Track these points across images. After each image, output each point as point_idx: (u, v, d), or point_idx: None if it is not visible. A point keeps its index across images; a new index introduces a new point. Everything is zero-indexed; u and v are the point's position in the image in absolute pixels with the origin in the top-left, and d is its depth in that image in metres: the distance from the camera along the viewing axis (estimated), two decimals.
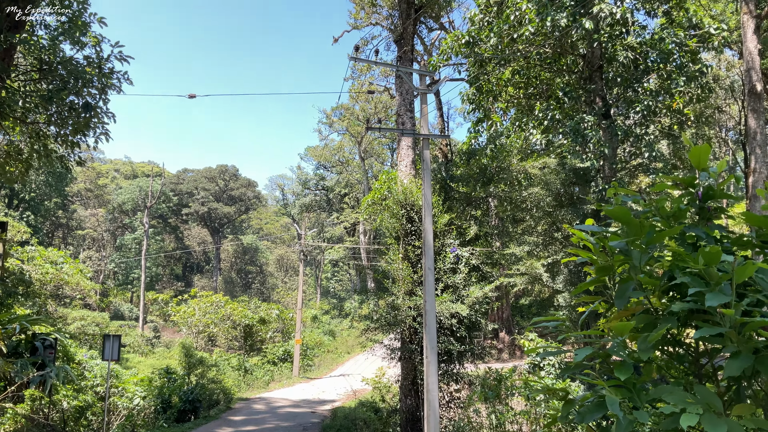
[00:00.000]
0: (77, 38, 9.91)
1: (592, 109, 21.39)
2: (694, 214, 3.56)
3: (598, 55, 21.83)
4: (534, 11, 20.29)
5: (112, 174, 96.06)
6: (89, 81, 9.74)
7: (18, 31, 9.50)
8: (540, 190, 26.00)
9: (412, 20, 21.64)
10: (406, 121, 21.05)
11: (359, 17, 38.90)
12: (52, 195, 75.52)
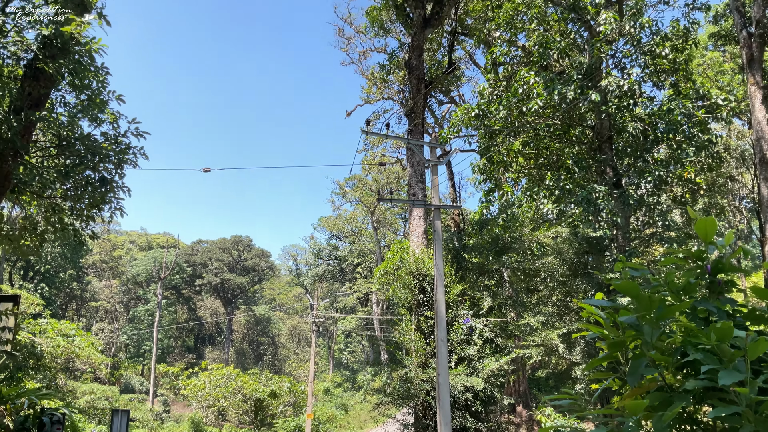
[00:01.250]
0: (95, 115, 10.22)
1: (603, 178, 21.49)
2: (704, 287, 3.51)
3: (607, 126, 22.10)
4: (542, 85, 20.71)
5: (127, 246, 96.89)
6: (106, 156, 9.99)
7: (38, 108, 9.82)
8: (553, 259, 25.84)
9: (423, 95, 22.14)
10: (417, 192, 21.22)
11: (371, 92, 39.88)
12: (68, 267, 76.04)
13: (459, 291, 18.48)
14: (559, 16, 23.72)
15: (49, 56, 9.72)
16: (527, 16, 24.87)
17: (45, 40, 9.75)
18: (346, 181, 68.65)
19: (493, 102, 23.33)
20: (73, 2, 10.57)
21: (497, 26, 25.53)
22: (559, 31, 24.21)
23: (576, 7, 22.97)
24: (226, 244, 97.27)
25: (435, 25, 21.87)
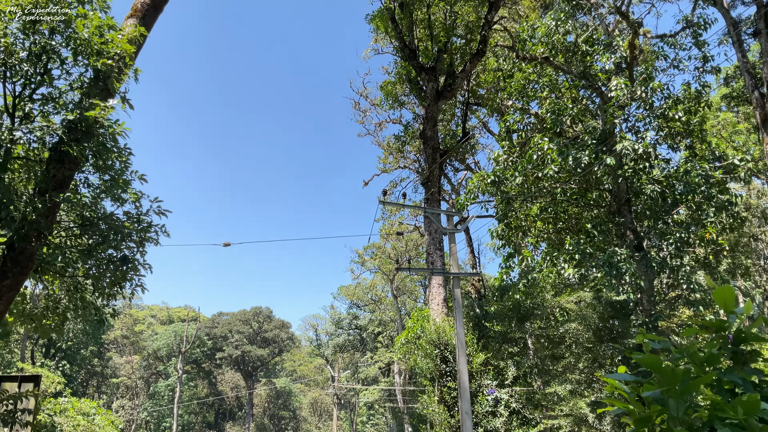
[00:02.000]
0: (118, 195, 10.47)
1: (624, 241, 21.31)
2: (728, 358, 3.43)
3: (625, 189, 22.07)
4: (556, 151, 20.88)
5: (148, 320, 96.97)
6: (128, 235, 10.17)
7: (63, 190, 10.09)
8: (577, 325, 25.35)
9: (438, 164, 22.39)
10: (436, 260, 21.16)
11: (388, 162, 40.43)
12: (89, 343, 76.04)
13: (482, 360, 18.12)
14: (570, 83, 24.13)
15: (74, 139, 10.06)
16: (539, 84, 25.32)
17: (70, 124, 10.11)
18: (365, 249, 68.74)
19: (509, 168, 23.49)
20: (97, 87, 11.01)
21: (509, 95, 26.00)
22: (571, 97, 24.58)
23: (586, 74, 23.40)
24: (246, 316, 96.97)
25: (448, 96, 22.36)
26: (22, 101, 10.92)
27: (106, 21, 11.80)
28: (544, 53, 24.28)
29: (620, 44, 24.81)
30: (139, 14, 12.63)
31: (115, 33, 11.62)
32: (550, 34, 24.72)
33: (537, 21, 25.66)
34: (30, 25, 10.88)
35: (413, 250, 58.12)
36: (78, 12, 11.40)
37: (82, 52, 11.19)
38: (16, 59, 10.47)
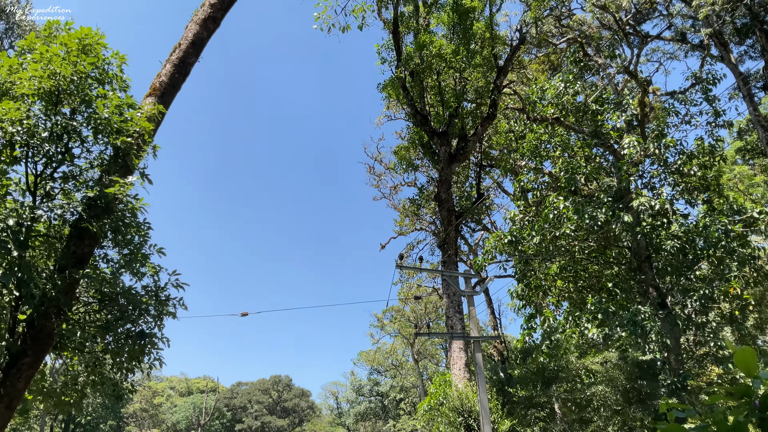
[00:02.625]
0: (137, 269, 10.57)
1: (647, 299, 20.94)
2: (756, 425, 3.30)
3: (644, 246, 21.85)
4: (572, 209, 20.83)
5: (167, 392, 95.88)
6: (146, 310, 10.22)
7: (82, 266, 10.21)
8: (605, 387, 24.66)
9: (454, 227, 22.41)
10: (455, 323, 20.89)
11: (404, 224, 40.56)
12: (108, 417, 75.15)
13: (508, 427, 17.61)
14: (582, 142, 24.29)
15: (94, 216, 10.25)
16: (551, 144, 25.51)
17: (90, 201, 10.33)
18: (384, 313, 68.17)
19: (526, 228, 23.42)
20: (117, 164, 11.29)
21: (522, 156, 26.18)
22: (584, 156, 24.69)
23: (598, 133, 23.56)
24: (266, 385, 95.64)
25: (461, 159, 22.62)
26: (44, 180, 11.19)
27: (125, 100, 12.20)
28: (555, 114, 24.56)
29: (630, 103, 25.06)
30: (157, 93, 13.05)
31: (134, 111, 11.99)
32: (559, 96, 25.06)
33: (546, 83, 26.07)
34: (52, 107, 11.27)
35: (433, 312, 57.54)
36: (98, 92, 11.81)
37: (102, 130, 11.53)
38: (39, 140, 10.79)
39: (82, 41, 11.85)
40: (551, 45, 30.28)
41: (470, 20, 24.55)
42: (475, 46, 24.81)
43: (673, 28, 28.49)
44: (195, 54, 13.80)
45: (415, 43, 23.31)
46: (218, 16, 14.23)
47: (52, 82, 11.02)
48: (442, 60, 23.05)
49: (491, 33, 24.47)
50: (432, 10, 26.17)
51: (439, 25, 26.62)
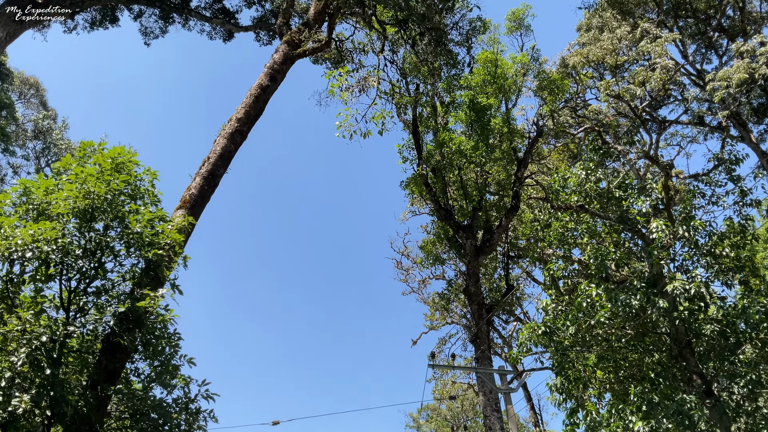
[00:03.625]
0: (168, 382, 10.54)
1: (692, 387, 20.08)
2: None
3: (683, 331, 21.18)
4: (605, 296, 20.46)
5: None
6: (177, 425, 10.12)
7: (114, 381, 10.22)
8: None
9: (485, 320, 22.09)
10: (493, 423, 20.16)
11: (434, 318, 40.02)
12: None
13: None
14: (609, 228, 24.16)
15: (125, 330, 10.36)
16: (578, 231, 25.39)
17: (121, 315, 10.48)
18: (419, 412, 66.06)
19: (559, 317, 22.96)
20: (148, 277, 11.53)
21: (549, 244, 26.03)
22: (613, 242, 24.48)
23: (624, 218, 23.45)
24: None
25: (487, 252, 22.65)
26: (77, 295, 11.42)
27: (156, 213, 12.59)
28: (579, 202, 24.59)
29: (654, 187, 25.05)
30: (187, 205, 13.46)
31: (165, 224, 12.33)
32: (582, 183, 25.17)
33: (567, 171, 26.30)
34: (86, 224, 11.66)
35: (470, 410, 55.65)
36: (131, 208, 12.22)
37: (134, 244, 11.84)
38: (73, 257, 11.11)
39: (115, 160, 12.40)
40: (569, 135, 30.79)
41: (487, 116, 25.24)
42: (493, 140, 25.36)
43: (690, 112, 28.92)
44: (223, 166, 14.31)
45: (435, 141, 23.94)
46: (245, 130, 14.85)
47: (87, 201, 11.46)
48: (463, 156, 23.55)
49: (509, 127, 25.06)
50: (449, 110, 27.01)
51: (457, 122, 27.38)
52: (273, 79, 15.77)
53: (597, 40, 26.77)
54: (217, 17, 32.76)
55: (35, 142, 45.94)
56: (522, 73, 28.74)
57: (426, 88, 26.87)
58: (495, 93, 26.55)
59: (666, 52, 24.51)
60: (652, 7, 29.70)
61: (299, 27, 16.62)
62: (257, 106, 15.52)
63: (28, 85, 47.98)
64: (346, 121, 14.43)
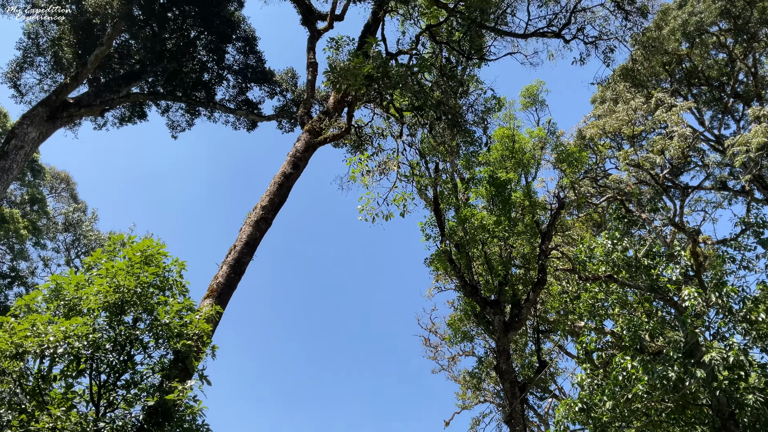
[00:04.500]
0: None
1: None
2: None
3: (725, 402, 20.42)
4: (641, 369, 19.95)
5: None
6: None
7: None
8: None
9: (519, 400, 21.53)
10: None
11: (466, 397, 38.99)
12: None
13: None
14: (640, 297, 23.79)
15: (154, 424, 10.34)
16: (608, 302, 25.02)
17: (150, 409, 10.48)
18: None
19: (596, 392, 22.32)
20: (176, 368, 11.57)
21: (580, 317, 25.62)
22: (645, 311, 24.04)
23: (654, 287, 23.09)
24: None
25: (517, 327, 22.36)
26: (107, 390, 11.47)
27: (184, 303, 12.75)
28: (607, 272, 24.34)
29: (682, 254, 24.75)
30: (214, 293, 13.64)
31: (193, 314, 12.47)
32: (608, 253, 24.99)
33: (593, 242, 26.18)
34: (116, 317, 11.84)
35: None
36: (159, 299, 12.41)
37: (163, 335, 11.96)
38: (103, 351, 11.23)
39: (144, 252, 12.69)
40: (591, 205, 30.80)
41: (508, 191, 25.48)
42: (515, 214, 25.48)
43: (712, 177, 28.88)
44: (249, 253, 14.55)
45: (457, 218, 24.13)
46: (269, 217, 15.18)
47: (117, 295, 11.68)
48: (485, 231, 23.65)
49: (530, 201, 25.22)
50: (470, 185, 27.34)
51: (478, 198, 27.64)
52: (296, 166, 16.23)
53: (612, 111, 27.14)
54: (241, 108, 34.02)
55: (65, 234, 47.12)
56: (540, 147, 29.13)
57: (445, 166, 27.31)
58: (514, 167, 26.87)
59: (682, 120, 24.74)
60: (665, 78, 30.23)
61: (320, 116, 17.21)
62: (281, 193, 15.91)
63: (59, 180, 49.67)
64: (367, 204, 14.72)
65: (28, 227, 41.96)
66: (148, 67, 31.57)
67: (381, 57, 14.93)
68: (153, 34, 31.42)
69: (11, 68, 31.10)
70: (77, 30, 29.72)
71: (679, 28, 29.37)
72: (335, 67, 14.09)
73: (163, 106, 34.92)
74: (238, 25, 33.57)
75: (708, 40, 30.77)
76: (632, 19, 17.72)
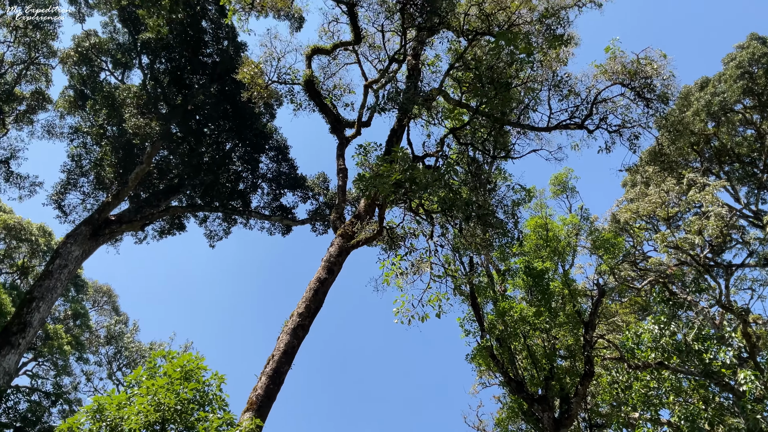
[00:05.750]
0: None
1: None
2: None
3: None
4: None
5: None
6: None
7: None
8: None
9: None
10: None
11: None
12: None
13: None
14: (695, 383, 22.82)
15: None
16: (662, 390, 24.01)
17: None
18: None
19: None
20: None
21: (633, 408, 24.53)
22: (701, 398, 22.97)
23: (709, 372, 22.15)
24: None
25: (567, 424, 21.42)
26: None
27: (224, 417, 12.62)
28: (657, 358, 23.49)
29: (733, 335, 23.85)
30: (254, 406, 13.51)
31: (233, 429, 12.30)
32: (656, 339, 24.22)
33: (639, 327, 25.45)
34: None
35: None
36: (199, 416, 12.32)
37: None
38: None
39: (184, 368, 12.72)
40: (633, 289, 30.17)
41: (545, 280, 25.14)
42: (555, 304, 25.01)
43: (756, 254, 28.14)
44: (287, 362, 14.48)
45: (496, 311, 23.78)
46: (306, 324, 15.19)
47: (158, 414, 11.65)
48: (526, 323, 23.20)
49: (569, 289, 24.80)
50: (506, 277, 27.07)
51: (515, 289, 27.28)
52: (330, 271, 16.36)
53: (644, 194, 27.07)
54: (276, 214, 34.84)
55: (107, 347, 47.62)
56: (574, 234, 28.94)
57: (480, 260, 27.19)
58: (549, 256, 26.63)
59: (717, 199, 24.51)
60: (694, 158, 30.22)
61: (351, 220, 17.50)
62: (317, 299, 15.97)
63: (101, 293, 50.81)
64: (402, 306, 14.68)
65: (71, 342, 42.58)
66: (186, 181, 32.81)
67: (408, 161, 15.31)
68: (190, 149, 32.87)
69: (56, 190, 32.66)
70: (118, 150, 31.28)
71: (703, 109, 29.62)
72: (363, 176, 14.47)
73: (201, 217, 35.98)
74: (271, 135, 34.96)
75: (734, 117, 30.89)
76: (654, 106, 17.98)
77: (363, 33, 21.12)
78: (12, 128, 32.54)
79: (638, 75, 17.62)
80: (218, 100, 32.26)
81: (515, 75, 18.24)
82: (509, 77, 17.60)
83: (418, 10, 18.23)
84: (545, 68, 19.41)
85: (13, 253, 41.48)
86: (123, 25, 32.51)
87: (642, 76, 17.62)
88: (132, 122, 29.95)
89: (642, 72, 17.59)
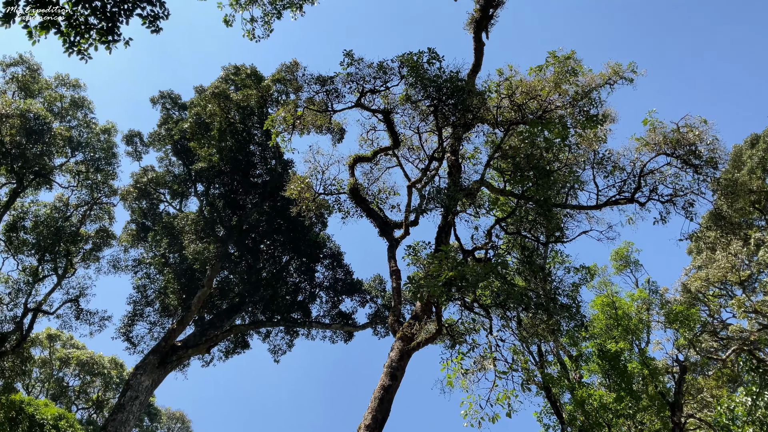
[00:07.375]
0: None
1: None
2: None
3: None
4: None
5: None
6: None
7: None
8: None
9: None
10: None
11: None
12: None
13: None
14: None
15: None
16: None
17: None
18: None
19: None
20: None
21: None
22: None
23: None
24: None
25: None
26: None
27: None
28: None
29: None
30: None
31: None
32: (751, 412, 22.50)
33: (731, 400, 23.73)
34: None
35: None
36: None
37: None
38: None
39: None
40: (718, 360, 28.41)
41: (622, 362, 23.93)
42: (636, 386, 23.68)
43: None
44: None
45: (574, 401, 22.59)
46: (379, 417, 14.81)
47: None
48: (608, 410, 21.92)
49: (648, 369, 23.52)
50: (579, 363, 25.90)
51: (591, 374, 25.98)
52: (393, 377, 16.00)
53: (712, 260, 25.99)
54: (336, 322, 34.79)
55: None
56: (645, 309, 27.81)
57: (549, 347, 26.23)
58: (622, 335, 25.48)
59: None
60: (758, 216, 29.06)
61: (410, 321, 17.28)
62: (383, 408, 15.54)
63: (174, 420, 50.96)
64: (470, 408, 14.12)
65: None
66: (247, 298, 33.34)
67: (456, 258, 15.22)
68: (248, 267, 33.60)
69: (123, 323, 33.61)
70: (180, 276, 32.23)
71: (758, 166, 28.78)
72: (413, 278, 14.41)
73: (264, 333, 36.21)
74: (324, 244, 35.52)
75: None
76: (703, 171, 17.54)
77: (401, 137, 21.68)
78: (80, 267, 34.06)
79: (681, 143, 17.35)
80: (271, 217, 33.22)
81: (554, 159, 18.22)
82: (548, 162, 17.59)
83: (450, 110, 18.66)
84: (585, 147, 19.34)
85: (88, 387, 42.35)
86: (177, 158, 34.40)
87: (685, 143, 17.33)
88: (192, 248, 31.01)
89: (684, 140, 17.32)
